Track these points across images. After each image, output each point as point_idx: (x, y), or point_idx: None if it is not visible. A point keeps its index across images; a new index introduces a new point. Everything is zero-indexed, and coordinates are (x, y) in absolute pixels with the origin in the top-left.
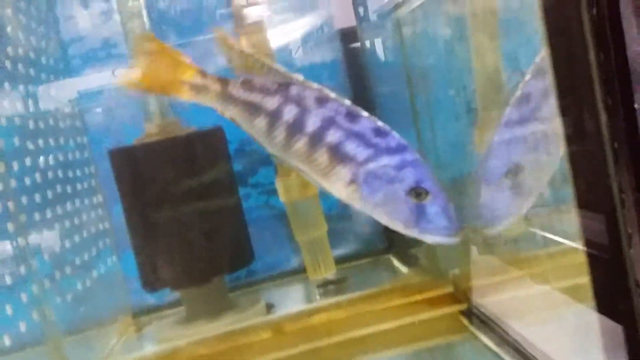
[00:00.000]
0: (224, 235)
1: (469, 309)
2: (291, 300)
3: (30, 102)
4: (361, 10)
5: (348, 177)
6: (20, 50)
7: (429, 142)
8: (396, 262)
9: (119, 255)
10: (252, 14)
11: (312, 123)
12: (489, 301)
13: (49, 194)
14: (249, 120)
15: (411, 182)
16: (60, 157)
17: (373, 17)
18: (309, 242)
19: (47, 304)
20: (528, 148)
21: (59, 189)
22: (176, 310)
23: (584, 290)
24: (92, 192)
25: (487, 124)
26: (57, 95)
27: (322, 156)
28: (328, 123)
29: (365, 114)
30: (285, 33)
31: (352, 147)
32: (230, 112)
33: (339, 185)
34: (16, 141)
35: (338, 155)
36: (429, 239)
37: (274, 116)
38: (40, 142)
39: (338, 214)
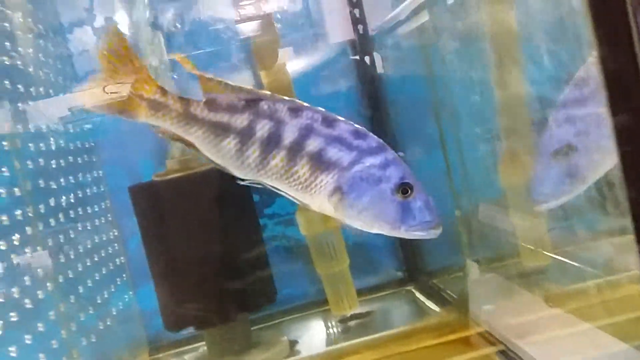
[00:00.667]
0: (249, 272)
1: (506, 350)
2: (314, 336)
3: (51, 139)
4: (360, 27)
5: (332, 185)
6: (42, 89)
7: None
8: (418, 294)
9: (134, 290)
10: (270, 48)
11: (290, 134)
12: (527, 342)
13: (71, 233)
14: (215, 143)
15: (397, 179)
16: (80, 194)
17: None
18: (331, 275)
19: (75, 347)
20: (582, 130)
21: (80, 227)
22: (194, 347)
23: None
24: (109, 227)
25: (511, 157)
26: (74, 129)
27: (303, 168)
28: (306, 131)
29: (341, 118)
30: (301, 64)
31: (334, 153)
32: (193, 136)
33: (320, 197)
34: (41, 182)
35: (320, 163)
36: (415, 235)
37: (245, 134)
38: (62, 180)
39: (354, 244)
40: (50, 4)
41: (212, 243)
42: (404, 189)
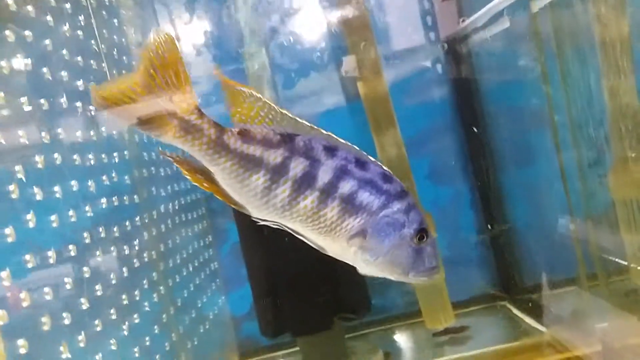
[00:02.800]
0: (346, 281)
1: None
2: (407, 350)
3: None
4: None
5: (356, 229)
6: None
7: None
8: (515, 310)
9: (226, 295)
10: (369, 59)
11: (324, 176)
12: None
13: (177, 239)
14: (242, 177)
15: (417, 224)
16: (181, 201)
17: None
18: (426, 289)
19: (183, 350)
20: None
21: (182, 233)
22: (284, 353)
23: None
24: (205, 234)
25: (622, 167)
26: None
27: (332, 211)
28: (341, 173)
29: (371, 158)
30: (396, 73)
31: (366, 197)
32: (220, 167)
33: (341, 241)
34: (153, 190)
35: (350, 207)
36: (420, 280)
37: (277, 172)
38: (167, 188)
39: (447, 258)
40: (153, 19)
41: (310, 251)
42: (421, 235)
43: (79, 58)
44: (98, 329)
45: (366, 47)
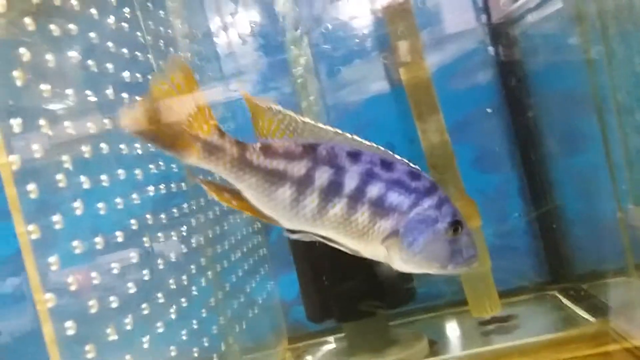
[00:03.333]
0: (391, 268)
1: None
2: (452, 338)
3: None
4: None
5: (389, 231)
6: None
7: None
8: (564, 299)
9: (276, 280)
10: (410, 44)
11: (351, 182)
12: None
13: (225, 225)
14: (269, 192)
15: (450, 218)
16: None
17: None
18: (472, 278)
19: (231, 333)
20: None
21: (230, 219)
22: (331, 338)
23: None
24: (253, 219)
25: None
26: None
27: (363, 215)
28: (367, 177)
29: (397, 157)
30: (440, 58)
31: (395, 197)
32: (245, 183)
33: (374, 243)
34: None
35: (380, 209)
36: (460, 271)
37: (303, 184)
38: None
39: (495, 246)
40: (200, 10)
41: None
42: (455, 227)
43: (125, 50)
44: (145, 312)
45: (408, 33)
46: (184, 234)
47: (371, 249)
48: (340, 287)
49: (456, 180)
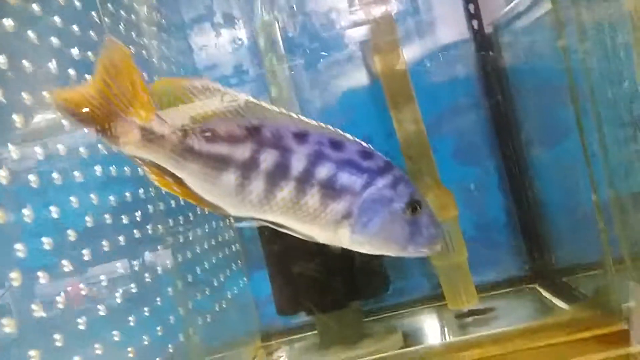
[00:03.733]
0: (362, 259)
1: None
2: (428, 331)
3: None
4: (475, 23)
5: (342, 213)
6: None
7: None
8: (545, 293)
9: (248, 276)
10: (385, 32)
11: (298, 163)
12: None
13: (190, 215)
14: (212, 178)
15: (407, 197)
16: None
17: (488, 29)
18: (448, 268)
19: (192, 325)
20: None
21: (198, 211)
22: (304, 335)
23: None
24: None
25: None
26: None
27: (313, 198)
28: (315, 158)
29: (348, 136)
30: (418, 50)
31: (346, 178)
32: (186, 171)
33: (327, 227)
34: None
35: (331, 191)
36: (421, 253)
37: (247, 168)
38: None
39: (473, 238)
40: (173, 1)
41: None
42: (413, 206)
43: (75, 27)
44: (87, 294)
45: (384, 22)
46: (138, 219)
47: (325, 234)
48: (309, 277)
49: (432, 170)
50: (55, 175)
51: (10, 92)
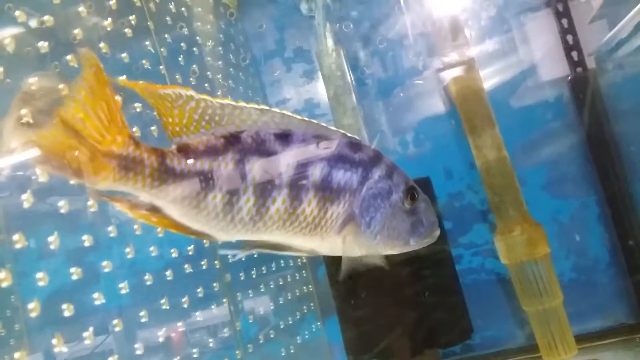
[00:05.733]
0: (439, 304)
1: None
2: None
3: None
4: (574, 55)
5: (343, 216)
6: None
7: None
8: None
9: (323, 321)
10: (461, 54)
11: (287, 167)
12: None
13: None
14: (197, 202)
15: (404, 185)
16: None
17: (590, 60)
18: (541, 313)
19: None
20: None
21: None
22: None
23: None
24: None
25: None
26: None
27: (310, 204)
28: (304, 157)
29: (331, 127)
30: (501, 73)
31: (341, 175)
32: (169, 198)
33: (330, 235)
34: None
35: (329, 192)
36: (423, 243)
37: (233, 182)
38: None
39: (573, 281)
40: (242, 36)
41: (400, 272)
42: (411, 194)
43: None
44: None
45: (459, 43)
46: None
47: (328, 244)
48: (382, 324)
49: (517, 202)
50: None
51: None
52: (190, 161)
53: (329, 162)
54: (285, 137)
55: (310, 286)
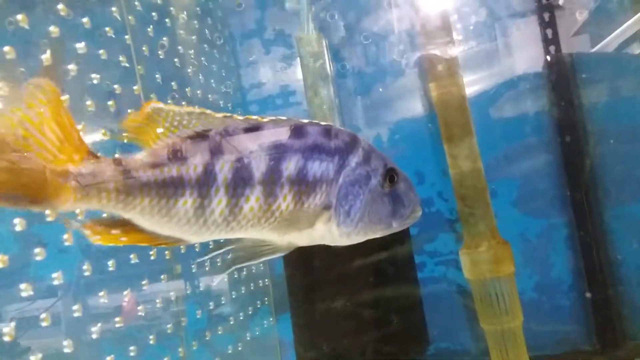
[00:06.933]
0: (397, 314)
1: None
2: None
3: None
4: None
5: (320, 207)
6: (199, 92)
7: None
8: None
9: (276, 317)
10: (444, 59)
11: (259, 165)
12: None
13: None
14: (167, 209)
15: (382, 168)
16: None
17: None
18: (498, 333)
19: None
20: None
21: None
22: None
23: None
24: None
25: None
26: None
27: (285, 200)
28: (277, 152)
29: (304, 120)
30: (482, 80)
31: (316, 166)
32: (137, 209)
33: (306, 227)
34: None
35: (304, 186)
36: (406, 224)
37: (204, 184)
38: None
39: (533, 301)
40: (221, 11)
41: (358, 275)
42: (390, 176)
43: None
44: None
45: (442, 45)
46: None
47: (305, 236)
48: (335, 328)
49: (487, 217)
50: None
51: None
52: (157, 168)
53: (303, 154)
54: (255, 133)
55: (266, 280)
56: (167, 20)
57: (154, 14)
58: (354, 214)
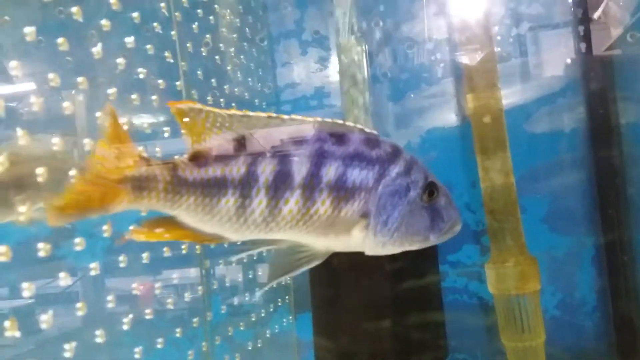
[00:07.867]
0: (418, 322)
1: None
2: None
3: None
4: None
5: (358, 214)
6: (236, 90)
7: None
8: None
9: (295, 316)
10: (484, 71)
11: (301, 168)
12: None
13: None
14: (210, 207)
15: (423, 181)
16: None
17: None
18: (520, 350)
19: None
20: None
21: None
22: None
23: None
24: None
25: None
26: None
27: (324, 204)
28: (319, 158)
29: (349, 124)
30: (517, 94)
31: (356, 174)
32: (183, 207)
33: (345, 232)
34: None
35: (343, 192)
36: (443, 239)
37: (246, 185)
38: None
39: (556, 319)
40: (262, 10)
41: (380, 281)
42: (430, 190)
43: None
44: None
45: (484, 57)
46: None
47: (342, 242)
48: (356, 334)
49: (516, 233)
50: None
51: None
52: (202, 169)
53: (344, 161)
54: (298, 137)
55: (287, 278)
56: (211, 17)
57: (199, 10)
58: (391, 223)
